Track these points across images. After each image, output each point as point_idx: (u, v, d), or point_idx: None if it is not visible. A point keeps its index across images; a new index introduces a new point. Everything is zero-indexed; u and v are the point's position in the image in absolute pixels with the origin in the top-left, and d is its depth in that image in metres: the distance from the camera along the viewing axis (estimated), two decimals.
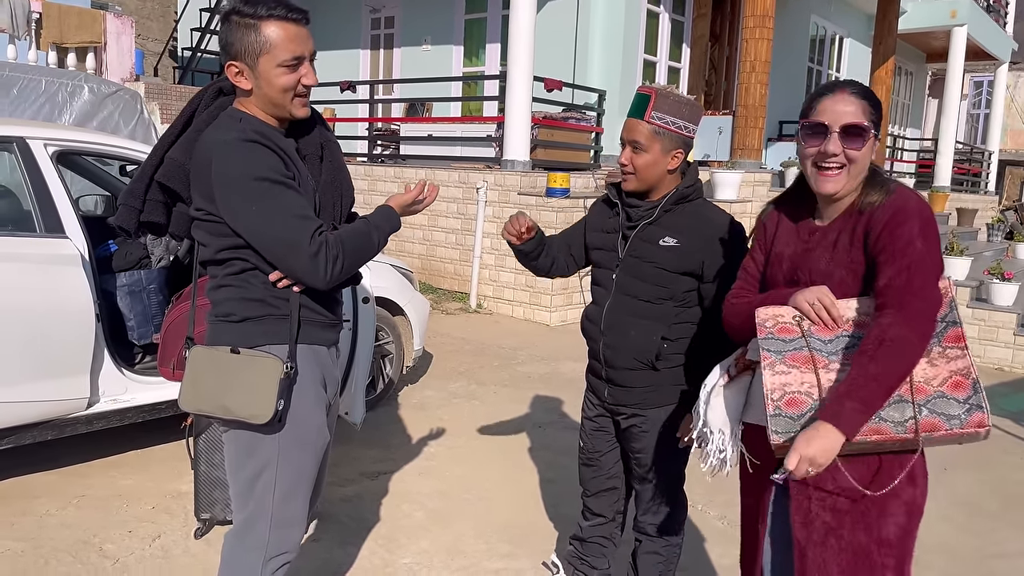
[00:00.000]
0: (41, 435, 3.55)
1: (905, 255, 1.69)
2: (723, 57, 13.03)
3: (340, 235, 1.86)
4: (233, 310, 1.90)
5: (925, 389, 1.64)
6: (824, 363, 1.71)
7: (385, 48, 12.69)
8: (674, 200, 2.31)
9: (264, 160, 1.78)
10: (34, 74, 5.78)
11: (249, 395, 1.83)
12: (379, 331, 4.93)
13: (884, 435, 1.64)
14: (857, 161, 1.78)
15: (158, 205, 1.99)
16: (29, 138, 3.60)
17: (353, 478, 3.90)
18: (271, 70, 1.84)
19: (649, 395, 2.41)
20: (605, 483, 2.64)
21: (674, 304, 2.34)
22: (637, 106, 2.25)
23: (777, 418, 1.68)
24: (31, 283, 3.41)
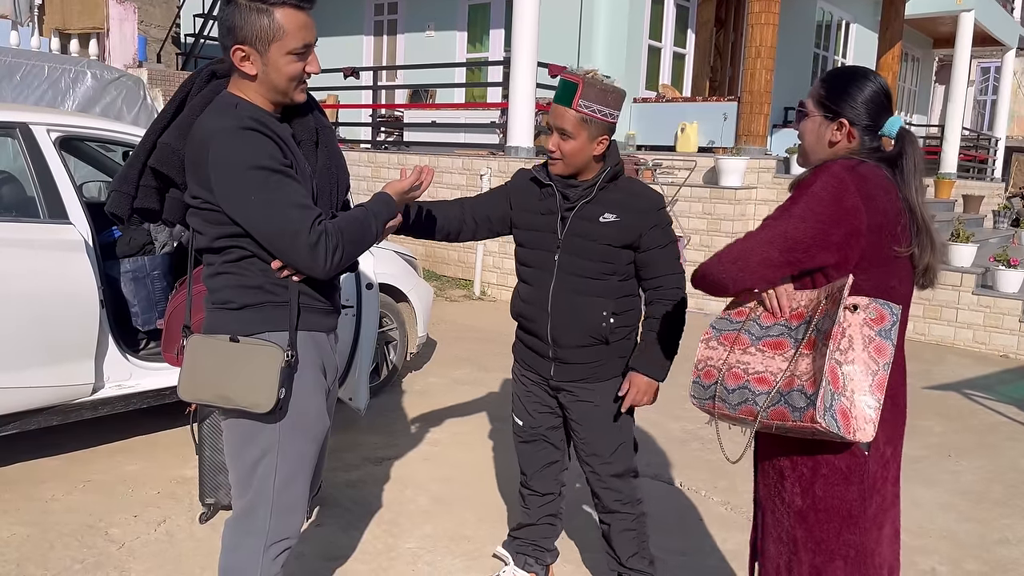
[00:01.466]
0: (46, 421, 3.56)
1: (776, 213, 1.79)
2: (728, 43, 12.95)
3: (339, 224, 1.85)
4: (231, 297, 1.89)
5: (794, 382, 1.71)
6: (744, 345, 1.84)
7: (388, 34, 12.63)
8: (608, 178, 2.40)
9: (262, 148, 1.77)
10: (37, 60, 5.76)
11: (250, 384, 1.82)
12: (383, 318, 4.93)
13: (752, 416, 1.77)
14: (803, 135, 1.94)
15: (151, 191, 1.97)
16: (32, 124, 3.59)
17: (357, 463, 3.91)
18: (281, 57, 1.82)
19: (597, 369, 2.48)
20: (549, 456, 2.69)
21: (618, 279, 2.44)
22: (564, 93, 2.31)
23: (696, 385, 1.91)
24: (35, 269, 3.41)
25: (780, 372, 1.73)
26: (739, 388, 1.79)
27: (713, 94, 12.33)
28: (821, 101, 1.89)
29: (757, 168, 8.44)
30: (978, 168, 17.70)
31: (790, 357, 1.74)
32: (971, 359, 7.01)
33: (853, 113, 1.85)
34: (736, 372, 1.81)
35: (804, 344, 1.72)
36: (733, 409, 1.80)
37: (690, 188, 8.44)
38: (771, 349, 1.78)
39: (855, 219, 1.73)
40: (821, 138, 1.89)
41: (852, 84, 1.86)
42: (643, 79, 10.71)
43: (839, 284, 1.71)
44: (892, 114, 1.87)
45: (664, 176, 8.93)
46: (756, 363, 1.79)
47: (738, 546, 3.25)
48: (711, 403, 1.86)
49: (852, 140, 1.86)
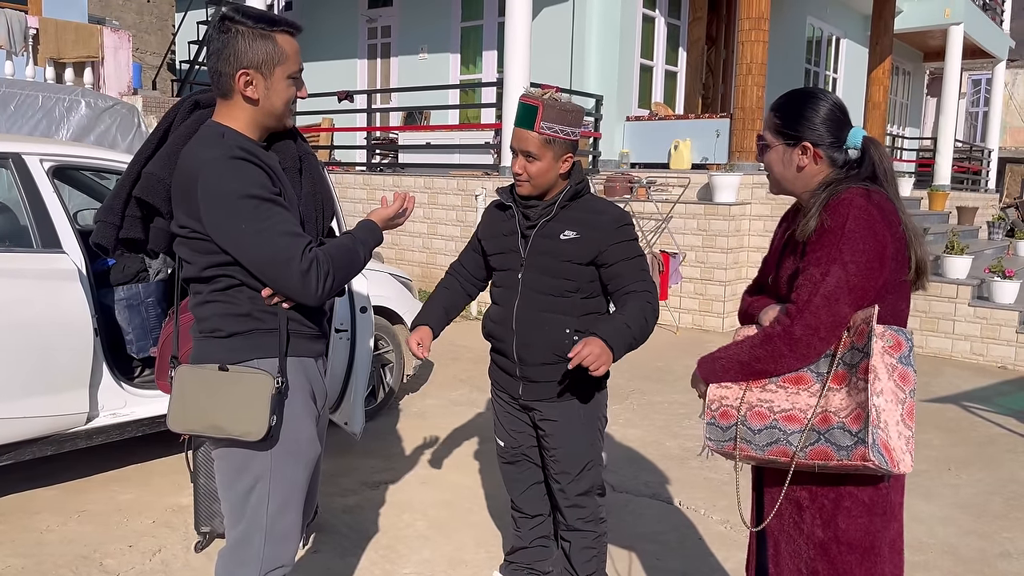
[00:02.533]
0: (41, 451, 3.54)
1: (818, 265, 1.73)
2: (719, 60, 13.03)
3: (328, 251, 1.86)
4: (220, 326, 1.88)
5: (831, 419, 1.67)
6: (762, 383, 1.80)
7: (382, 57, 12.71)
8: (569, 196, 2.42)
9: (252, 177, 1.78)
10: (31, 90, 5.79)
11: (241, 412, 1.82)
12: (379, 340, 4.92)
13: (788, 457, 1.71)
14: (770, 168, 1.92)
15: (136, 221, 1.98)
16: (25, 154, 3.61)
17: (354, 488, 3.89)
18: (283, 80, 1.88)
19: (564, 388, 2.48)
20: (534, 476, 2.68)
21: (581, 296, 2.44)
22: (525, 116, 2.34)
23: (712, 427, 1.84)
24: (29, 298, 3.41)
25: (810, 409, 1.70)
26: (766, 428, 1.75)
27: (706, 111, 12.39)
28: (779, 130, 1.89)
29: (751, 184, 8.47)
30: (972, 179, 17.77)
31: (816, 392, 1.71)
32: (969, 371, 7.00)
33: (814, 134, 1.85)
34: (760, 411, 1.77)
35: (831, 378, 1.70)
36: (761, 450, 1.76)
37: (684, 205, 8.47)
38: (793, 385, 1.75)
39: (887, 250, 1.73)
40: (788, 166, 1.89)
41: (805, 106, 1.87)
42: (635, 97, 10.77)
43: (863, 316, 1.69)
44: (851, 126, 1.88)
45: (658, 193, 8.97)
46: (780, 401, 1.75)
47: (739, 565, 3.23)
48: (731, 445, 1.81)
49: (819, 160, 1.86)
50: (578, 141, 2.41)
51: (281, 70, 1.86)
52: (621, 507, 3.75)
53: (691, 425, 4.91)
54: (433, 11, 11.83)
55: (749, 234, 8.46)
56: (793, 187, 1.91)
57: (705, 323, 8.17)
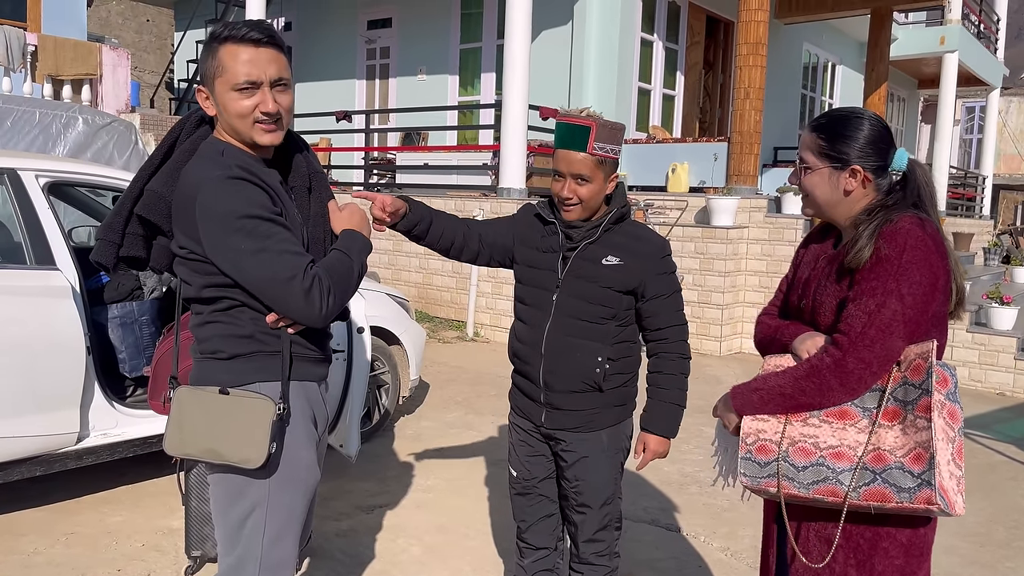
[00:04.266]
0: (29, 471, 3.47)
1: (873, 296, 1.66)
2: (717, 84, 13.11)
3: (327, 268, 1.80)
4: (221, 347, 1.83)
5: (887, 458, 1.60)
6: (802, 416, 1.71)
7: (381, 78, 12.75)
8: (614, 219, 2.35)
9: (251, 197, 1.73)
10: (28, 106, 5.77)
11: (240, 439, 1.76)
12: (375, 361, 4.87)
13: (839, 497, 1.63)
14: (811, 192, 1.82)
15: (137, 239, 1.93)
16: (20, 169, 3.57)
17: (348, 512, 3.82)
18: (225, 94, 1.78)
19: (592, 417, 2.39)
20: (544, 509, 2.56)
21: (616, 323, 2.36)
22: (574, 137, 2.25)
23: (747, 462, 1.74)
24: (21, 316, 3.36)
25: (860, 446, 1.63)
26: (813, 465, 1.66)
27: (703, 135, 12.44)
28: (823, 152, 1.80)
29: (748, 207, 8.48)
30: (966, 206, 17.85)
31: (864, 429, 1.64)
32: (968, 397, 6.97)
33: (863, 157, 1.77)
34: (804, 447, 1.68)
35: (881, 415, 1.63)
36: (806, 488, 1.66)
37: (682, 228, 8.46)
38: (838, 419, 1.67)
39: (940, 281, 1.67)
40: (836, 189, 1.79)
41: (852, 127, 1.79)
42: (633, 120, 10.81)
43: (918, 351, 1.62)
44: (896, 147, 1.81)
45: (656, 216, 8.96)
46: (826, 436, 1.67)
47: None
48: (771, 482, 1.70)
49: (867, 184, 1.79)
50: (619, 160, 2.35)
51: (220, 83, 1.77)
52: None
53: (690, 450, 4.86)
54: (432, 33, 11.89)
55: (747, 258, 8.45)
56: (836, 212, 1.83)
57: (703, 347, 8.13)
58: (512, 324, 2.54)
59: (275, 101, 1.79)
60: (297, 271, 1.71)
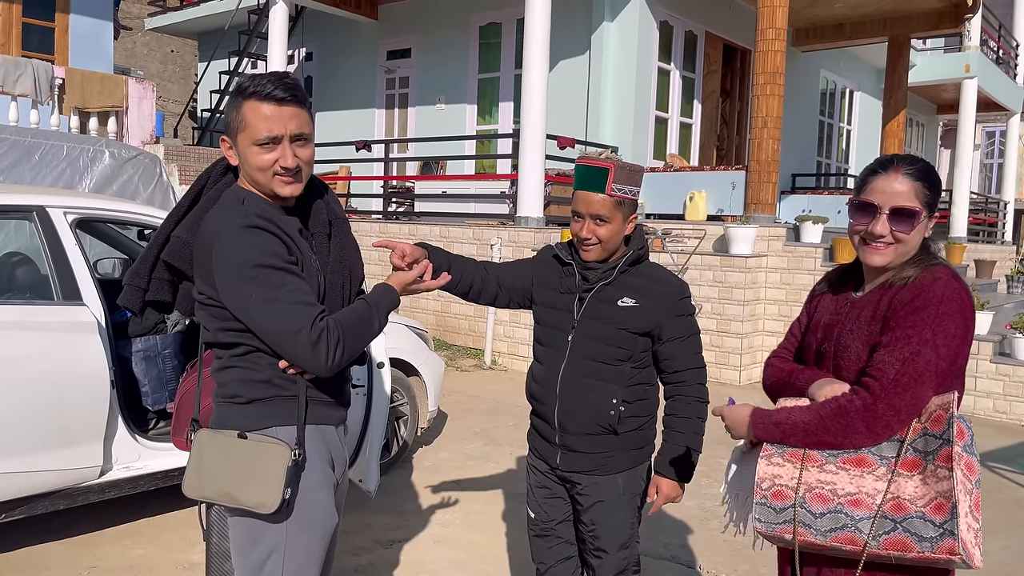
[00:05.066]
0: (53, 505, 3.51)
1: (908, 343, 1.66)
2: (734, 112, 13.15)
3: (340, 319, 1.83)
4: (239, 392, 1.87)
5: (907, 507, 1.59)
6: (818, 462, 1.70)
7: (400, 107, 12.90)
8: (630, 261, 2.36)
9: (265, 246, 1.77)
10: (56, 140, 5.89)
11: (255, 483, 1.79)
12: (394, 392, 4.88)
13: (857, 546, 1.61)
14: (906, 242, 1.78)
15: (164, 283, 1.98)
16: (49, 207, 3.64)
17: (367, 546, 3.82)
18: (247, 148, 1.83)
19: (607, 461, 2.38)
20: (562, 552, 2.55)
21: (631, 366, 2.35)
22: (593, 179, 2.28)
23: (763, 507, 1.72)
24: (48, 351, 3.41)
25: (878, 494, 1.62)
26: (831, 512, 1.64)
27: (720, 163, 12.46)
28: (928, 202, 1.77)
29: (767, 236, 8.46)
30: (987, 231, 17.71)
31: (883, 477, 1.63)
32: (992, 429, 6.87)
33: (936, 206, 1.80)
34: (822, 494, 1.66)
35: (900, 464, 1.62)
36: (823, 536, 1.64)
37: (700, 256, 8.45)
38: (855, 467, 1.66)
39: (970, 335, 1.69)
40: (922, 236, 1.80)
41: (938, 178, 1.80)
42: (651, 149, 10.86)
43: (939, 402, 1.62)
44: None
45: (673, 244, 8.96)
46: (844, 483, 1.65)
47: None
48: (787, 528, 1.68)
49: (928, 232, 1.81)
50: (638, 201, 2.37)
51: (243, 137, 1.83)
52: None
53: (710, 484, 4.82)
54: (450, 63, 12.03)
55: (766, 286, 8.42)
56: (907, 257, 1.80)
57: (722, 375, 8.09)
58: (531, 365, 2.55)
59: (295, 156, 1.84)
60: (305, 323, 1.74)
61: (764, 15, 8.85)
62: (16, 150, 5.57)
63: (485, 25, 11.70)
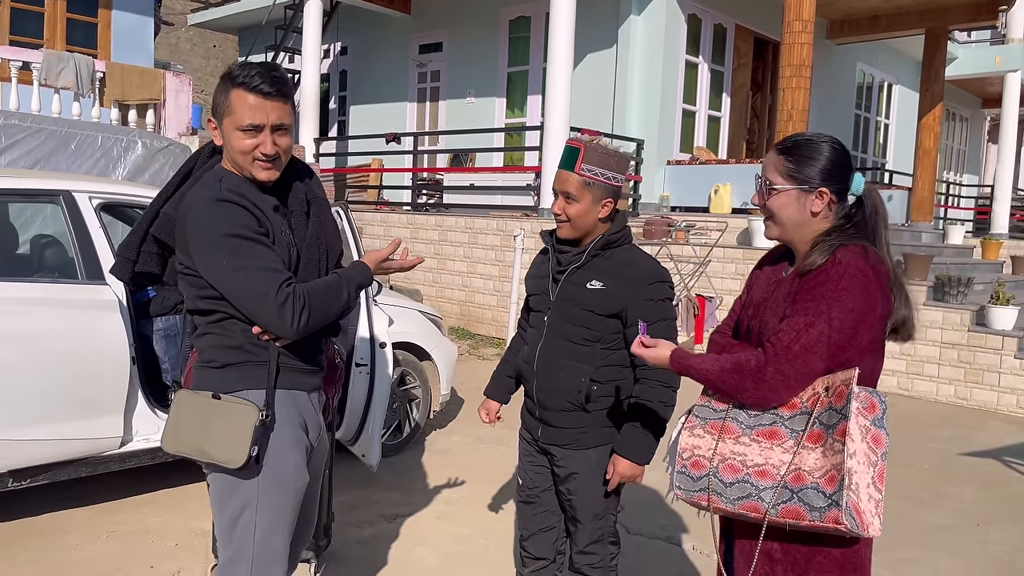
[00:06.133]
0: (76, 472, 3.72)
1: (805, 315, 1.74)
2: (765, 105, 13.05)
3: (308, 287, 1.96)
4: (214, 356, 2.01)
5: (805, 478, 1.67)
6: (734, 434, 1.79)
7: (431, 100, 13.06)
8: (600, 245, 2.43)
9: (234, 218, 1.90)
10: (91, 130, 6.15)
11: (225, 440, 1.93)
12: (406, 376, 5.04)
13: (760, 513, 1.71)
14: (778, 212, 1.89)
15: (152, 256, 2.14)
16: (75, 191, 3.85)
17: (371, 520, 3.97)
18: (231, 132, 1.97)
19: (580, 436, 2.48)
20: (545, 520, 2.67)
21: (601, 346, 2.44)
22: (567, 158, 2.39)
23: (682, 475, 1.83)
24: (72, 327, 3.62)
25: (783, 465, 1.70)
26: (738, 482, 1.74)
27: (750, 156, 12.39)
28: (791, 174, 1.87)
29: None
30: None
31: (790, 449, 1.70)
32: (1015, 425, 6.79)
33: (830, 180, 1.85)
34: (732, 464, 1.76)
35: (806, 437, 1.69)
36: (732, 504, 1.76)
37: (723, 249, 8.46)
38: (767, 439, 1.74)
39: (876, 312, 1.75)
40: (803, 211, 1.87)
41: (818, 151, 1.87)
42: (677, 141, 10.85)
43: (843, 377, 1.69)
44: (854, 172, 1.89)
45: (697, 237, 8.98)
46: (753, 454, 1.74)
47: None
48: (703, 495, 1.80)
49: (832, 207, 1.87)
50: (620, 188, 2.42)
51: (228, 121, 1.96)
52: (633, 549, 3.75)
53: None
54: (480, 57, 12.15)
55: None
56: (799, 233, 1.89)
57: None
58: None
59: (274, 144, 1.98)
60: (271, 287, 1.88)
61: (791, 7, 8.80)
62: (53, 140, 5.83)
63: (515, 19, 11.79)
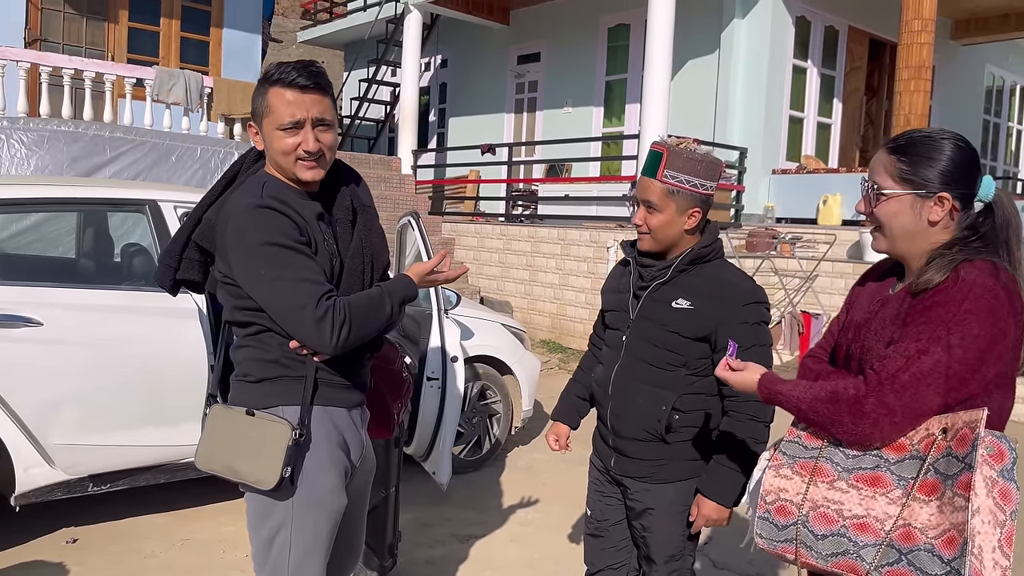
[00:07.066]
0: (154, 478, 3.76)
1: (917, 340, 1.46)
2: (881, 111, 12.33)
3: (349, 301, 1.84)
4: (250, 370, 1.92)
5: (916, 537, 1.39)
6: (828, 477, 1.52)
7: (528, 111, 13.00)
8: (689, 260, 2.19)
9: (276, 226, 1.80)
10: (190, 142, 6.35)
11: (256, 459, 1.83)
12: (486, 390, 4.91)
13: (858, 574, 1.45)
14: (888, 222, 1.61)
15: (194, 263, 2.06)
16: (160, 200, 3.91)
17: (442, 539, 3.84)
18: (272, 132, 1.88)
19: (657, 469, 2.24)
20: (613, 557, 2.44)
21: (687, 372, 2.19)
22: (650, 164, 2.17)
23: (765, 522, 1.58)
24: (152, 335, 3.67)
25: (889, 518, 1.44)
26: (833, 535, 1.49)
27: (863, 164, 11.71)
28: (904, 176, 1.60)
29: None
30: None
31: (897, 500, 1.45)
32: None
33: (953, 184, 1.57)
34: (826, 514, 1.51)
35: (918, 487, 1.43)
36: (824, 560, 1.50)
37: (831, 263, 7.98)
38: (868, 486, 1.48)
39: (1006, 341, 1.48)
40: (919, 220, 1.59)
41: (938, 150, 1.59)
42: (783, 150, 10.37)
43: (967, 419, 1.42)
44: (983, 174, 1.61)
45: (803, 250, 8.51)
46: (852, 503, 1.49)
47: None
48: (789, 547, 1.55)
49: (954, 215, 1.59)
50: (710, 197, 2.20)
51: (268, 122, 1.87)
52: None
53: None
54: (579, 65, 12.00)
55: None
56: (912, 245, 1.62)
57: None
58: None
59: (316, 140, 1.87)
60: (311, 300, 1.76)
61: (909, 5, 8.25)
62: (155, 152, 6.05)
63: (614, 26, 11.59)
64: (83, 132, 5.91)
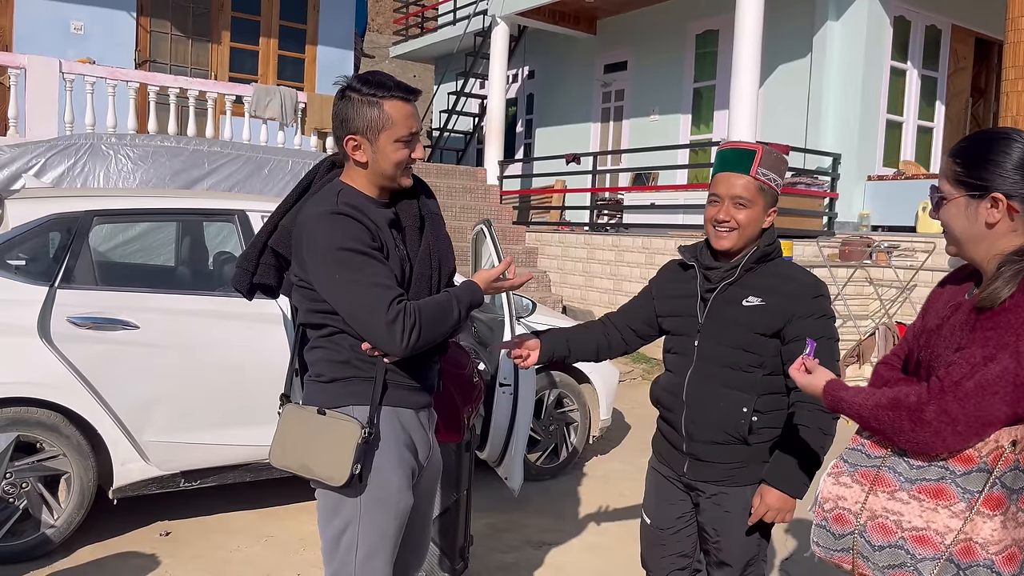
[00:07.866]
0: (241, 476, 3.93)
1: (984, 347, 1.40)
2: (989, 113, 11.71)
3: (419, 304, 1.89)
4: (323, 371, 1.99)
5: (976, 552, 1.33)
6: (890, 487, 1.47)
7: (615, 120, 12.94)
8: (756, 258, 2.20)
9: (349, 231, 1.87)
10: (282, 155, 6.61)
11: (328, 457, 1.89)
12: (563, 398, 4.91)
13: None
14: (948, 225, 1.56)
15: (270, 268, 2.15)
16: (248, 211, 4.10)
17: (516, 545, 3.86)
18: (388, 145, 1.94)
19: (736, 472, 2.22)
20: (673, 563, 2.41)
21: (764, 372, 2.18)
22: (740, 161, 2.18)
23: (822, 530, 1.54)
24: (239, 338, 3.85)
25: (950, 532, 1.40)
26: (890, 546, 1.45)
27: None
28: (959, 179, 1.57)
29: None
30: None
31: (960, 513, 1.40)
32: None
33: (1006, 183, 1.51)
34: (884, 524, 1.47)
35: (983, 501, 1.38)
36: (880, 572, 1.47)
37: (931, 273, 7.62)
38: (931, 498, 1.44)
39: None
40: (974, 222, 1.55)
41: (993, 150, 1.54)
42: (880, 155, 9.96)
43: None
44: None
45: (900, 259, 8.15)
46: (912, 515, 1.44)
47: None
48: (845, 557, 1.52)
49: (1014, 216, 1.53)
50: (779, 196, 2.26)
51: (386, 135, 1.93)
52: None
53: None
54: (666, 73, 11.88)
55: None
56: (976, 249, 1.58)
57: None
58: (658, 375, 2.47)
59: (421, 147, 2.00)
60: (383, 303, 1.82)
61: (1015, 3, 7.81)
62: (250, 165, 6.33)
63: (702, 33, 11.43)
64: (183, 147, 6.24)
